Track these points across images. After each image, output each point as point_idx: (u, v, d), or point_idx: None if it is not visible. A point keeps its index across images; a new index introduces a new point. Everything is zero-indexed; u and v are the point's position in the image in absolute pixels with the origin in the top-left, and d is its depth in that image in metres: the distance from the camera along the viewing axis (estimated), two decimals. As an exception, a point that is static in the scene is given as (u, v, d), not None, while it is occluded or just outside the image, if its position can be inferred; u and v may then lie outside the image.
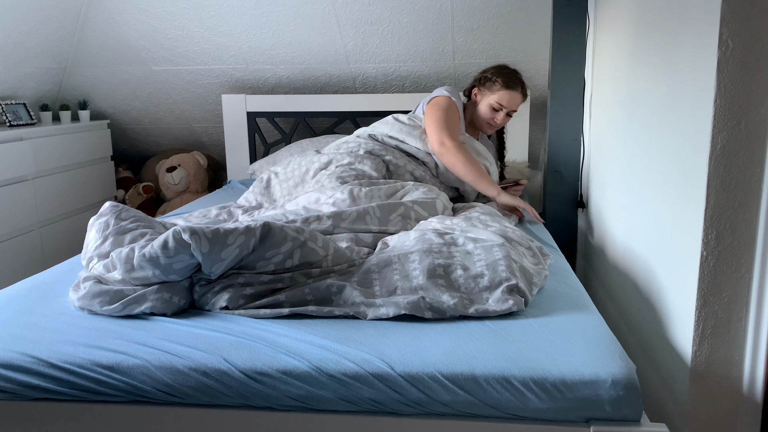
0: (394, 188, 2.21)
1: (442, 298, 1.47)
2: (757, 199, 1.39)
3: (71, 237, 3.29)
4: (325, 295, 1.51)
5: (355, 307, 1.47)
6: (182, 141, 3.99)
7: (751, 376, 1.44)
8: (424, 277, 1.54)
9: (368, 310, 1.46)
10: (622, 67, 2.18)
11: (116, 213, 1.79)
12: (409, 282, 1.54)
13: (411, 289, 1.52)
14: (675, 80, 1.62)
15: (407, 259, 1.63)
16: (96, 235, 1.75)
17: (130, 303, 1.48)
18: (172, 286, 1.52)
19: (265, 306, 1.49)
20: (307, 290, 1.52)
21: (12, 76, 3.15)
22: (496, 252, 1.65)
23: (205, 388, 1.27)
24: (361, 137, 2.57)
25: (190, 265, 1.49)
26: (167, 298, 1.49)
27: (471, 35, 3.12)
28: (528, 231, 2.29)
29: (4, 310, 1.56)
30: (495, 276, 1.55)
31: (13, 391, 1.32)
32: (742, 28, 1.33)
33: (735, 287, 1.43)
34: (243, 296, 1.50)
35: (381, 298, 1.49)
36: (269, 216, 2.00)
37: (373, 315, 1.45)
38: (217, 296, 1.51)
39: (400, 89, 3.49)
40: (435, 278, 1.54)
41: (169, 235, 1.45)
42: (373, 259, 1.68)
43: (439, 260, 1.61)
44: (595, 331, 1.38)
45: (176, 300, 1.51)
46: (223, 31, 3.22)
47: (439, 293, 1.49)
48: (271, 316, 1.46)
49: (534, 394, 1.20)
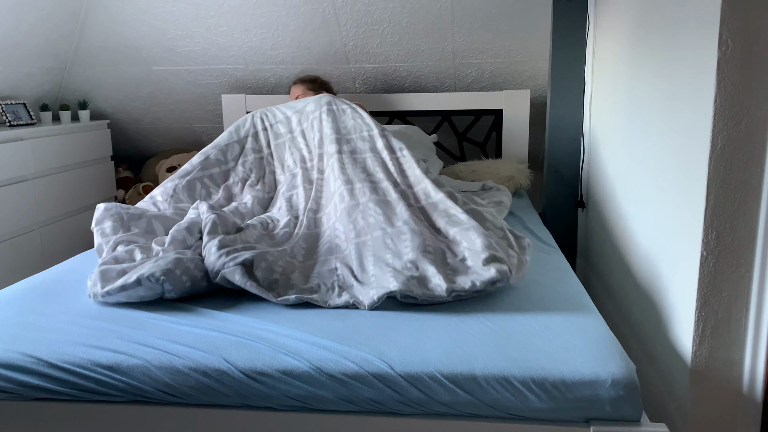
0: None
1: (428, 272, 1.58)
2: (757, 199, 1.39)
3: (71, 237, 3.29)
4: (329, 287, 1.63)
5: (354, 296, 1.56)
6: (182, 141, 3.99)
7: (751, 376, 1.44)
8: (415, 252, 1.66)
9: (364, 299, 1.54)
10: (622, 67, 2.18)
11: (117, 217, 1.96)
12: (400, 259, 1.66)
13: (401, 263, 1.64)
14: (675, 80, 1.62)
15: (399, 239, 1.75)
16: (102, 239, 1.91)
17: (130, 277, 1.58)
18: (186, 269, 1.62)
19: (271, 287, 1.61)
20: (316, 281, 1.65)
21: (12, 76, 3.15)
22: (472, 234, 1.75)
23: (205, 388, 1.27)
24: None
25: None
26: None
27: (471, 35, 3.12)
28: (528, 231, 2.29)
29: (4, 310, 1.57)
30: (474, 252, 1.67)
31: (13, 391, 1.32)
32: (742, 28, 1.33)
33: (735, 287, 1.43)
34: (254, 278, 1.60)
35: (373, 283, 1.60)
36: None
37: (369, 301, 1.52)
38: (234, 267, 1.59)
39: (400, 89, 3.49)
40: (425, 253, 1.66)
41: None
42: (368, 241, 1.79)
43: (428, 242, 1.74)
44: (595, 331, 1.38)
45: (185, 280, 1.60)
46: (223, 31, 3.21)
47: (427, 265, 1.61)
48: (278, 302, 1.55)
49: (534, 394, 1.20)
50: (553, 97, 2.73)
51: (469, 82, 3.40)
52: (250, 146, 2.41)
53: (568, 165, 2.77)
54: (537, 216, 2.58)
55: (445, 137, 3.52)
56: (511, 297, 1.58)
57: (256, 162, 2.37)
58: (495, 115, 3.30)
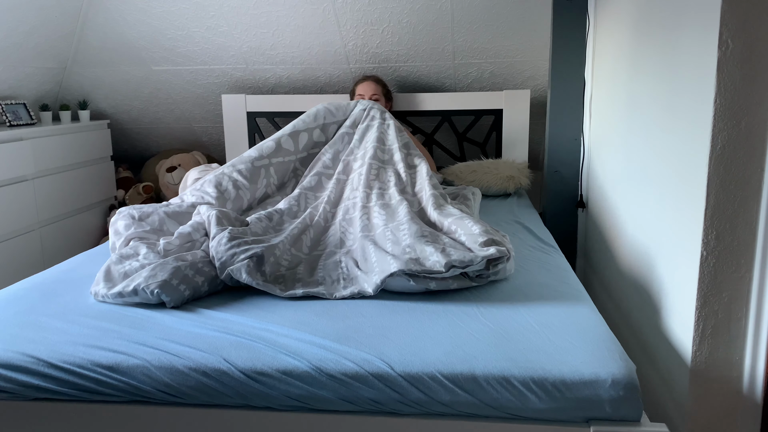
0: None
1: (426, 252, 1.63)
2: (757, 199, 1.39)
3: (71, 237, 3.29)
4: (335, 279, 1.67)
5: (360, 285, 1.61)
6: (182, 141, 3.99)
7: (751, 376, 1.44)
8: (413, 238, 1.74)
9: (368, 287, 1.58)
10: (622, 67, 2.18)
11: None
12: (399, 245, 1.73)
13: (400, 248, 1.70)
14: (675, 80, 1.62)
15: (398, 230, 1.86)
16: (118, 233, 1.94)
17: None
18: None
19: (277, 281, 1.65)
20: (321, 273, 1.69)
21: (12, 76, 3.15)
22: (467, 221, 1.86)
23: (205, 388, 1.27)
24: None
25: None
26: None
27: (471, 35, 3.12)
28: (528, 231, 2.29)
29: (4, 310, 1.57)
30: (471, 236, 1.75)
31: (13, 391, 1.32)
32: (742, 28, 1.33)
33: (735, 287, 1.43)
34: (262, 272, 1.63)
35: (375, 270, 1.64)
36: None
37: (372, 287, 1.57)
38: (242, 264, 1.62)
39: (400, 89, 3.49)
40: (422, 237, 1.75)
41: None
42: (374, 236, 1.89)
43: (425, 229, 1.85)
44: (595, 331, 1.38)
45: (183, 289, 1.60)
46: (223, 31, 3.21)
47: (424, 245, 1.66)
48: (286, 296, 1.58)
49: (534, 394, 1.20)
50: (553, 97, 2.73)
51: (469, 82, 3.40)
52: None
53: (568, 165, 2.77)
54: (537, 216, 2.58)
55: (445, 137, 3.52)
56: (511, 297, 1.59)
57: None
58: (495, 115, 3.30)
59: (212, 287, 1.64)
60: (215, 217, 1.86)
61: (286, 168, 2.44)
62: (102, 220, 3.57)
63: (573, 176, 2.78)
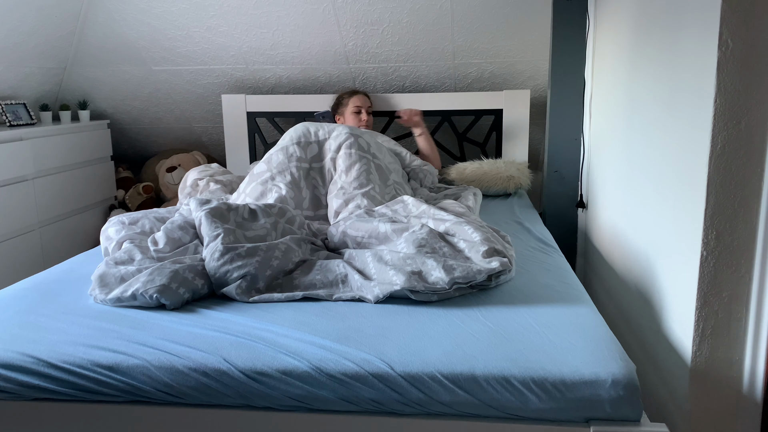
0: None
1: (428, 266, 1.59)
2: (757, 199, 1.39)
3: (71, 237, 3.29)
4: (332, 280, 1.65)
5: (359, 291, 1.59)
6: (182, 141, 3.99)
7: (751, 376, 1.44)
8: (411, 247, 1.70)
9: (369, 295, 1.56)
10: (622, 67, 2.18)
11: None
12: (397, 254, 1.69)
13: (399, 258, 1.65)
14: (675, 80, 1.62)
15: (395, 234, 1.84)
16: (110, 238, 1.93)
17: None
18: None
19: (274, 289, 1.63)
20: (318, 276, 1.67)
21: (12, 76, 3.15)
22: (465, 227, 1.81)
23: (205, 388, 1.27)
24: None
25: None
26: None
27: (471, 35, 3.12)
28: (528, 231, 2.29)
29: (4, 310, 1.56)
30: (471, 244, 1.71)
31: (13, 391, 1.32)
32: (742, 28, 1.33)
33: (735, 287, 1.43)
34: (256, 289, 1.61)
35: (376, 280, 1.62)
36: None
37: (374, 298, 1.54)
38: (234, 284, 1.60)
39: (400, 89, 3.49)
40: (421, 247, 1.70)
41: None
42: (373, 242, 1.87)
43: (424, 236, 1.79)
44: (595, 331, 1.38)
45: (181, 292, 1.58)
46: (223, 31, 3.21)
47: (425, 258, 1.62)
48: (285, 300, 1.58)
49: (534, 394, 1.20)
50: (553, 97, 2.73)
51: (469, 82, 3.40)
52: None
53: (568, 165, 2.77)
54: (537, 216, 2.58)
55: (445, 137, 3.52)
56: (511, 297, 1.59)
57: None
58: (495, 115, 3.30)
59: (211, 289, 1.64)
60: (206, 217, 1.78)
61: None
62: (102, 221, 3.57)
63: (573, 176, 2.78)
